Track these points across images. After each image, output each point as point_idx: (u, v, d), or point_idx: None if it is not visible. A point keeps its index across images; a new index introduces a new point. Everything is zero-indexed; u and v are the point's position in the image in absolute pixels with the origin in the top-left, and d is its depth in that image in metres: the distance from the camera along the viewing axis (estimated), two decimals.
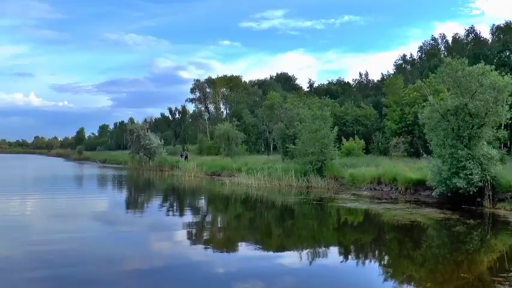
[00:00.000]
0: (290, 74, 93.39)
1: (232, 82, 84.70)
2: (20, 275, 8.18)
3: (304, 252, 10.88)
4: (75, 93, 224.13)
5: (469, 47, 47.93)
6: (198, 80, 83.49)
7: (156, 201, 22.17)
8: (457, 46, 50.81)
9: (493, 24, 48.06)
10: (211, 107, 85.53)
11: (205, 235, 13.20)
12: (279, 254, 10.76)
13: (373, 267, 9.64)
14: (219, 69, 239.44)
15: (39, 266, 8.81)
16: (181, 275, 8.52)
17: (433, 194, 19.31)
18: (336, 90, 68.54)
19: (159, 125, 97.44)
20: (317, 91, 70.73)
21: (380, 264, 9.97)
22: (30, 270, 8.51)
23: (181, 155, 49.67)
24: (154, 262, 9.36)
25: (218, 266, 9.28)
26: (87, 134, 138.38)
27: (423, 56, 57.55)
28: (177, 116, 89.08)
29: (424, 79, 35.91)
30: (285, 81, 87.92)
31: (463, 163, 17.02)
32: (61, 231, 12.66)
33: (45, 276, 8.13)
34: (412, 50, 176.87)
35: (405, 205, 17.98)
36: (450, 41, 54.85)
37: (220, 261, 9.69)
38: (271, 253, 10.81)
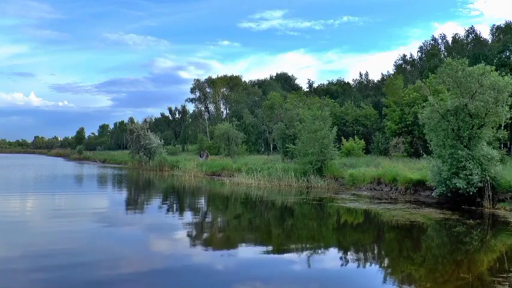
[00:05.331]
0: (290, 74, 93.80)
1: (232, 82, 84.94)
2: (20, 275, 8.18)
3: (304, 252, 10.89)
4: (75, 93, 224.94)
5: (469, 48, 47.97)
6: (198, 80, 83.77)
7: (156, 201, 22.16)
8: (457, 46, 50.83)
9: (493, 25, 48.26)
10: (211, 107, 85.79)
11: (205, 235, 13.20)
12: (279, 254, 10.75)
13: (373, 268, 9.65)
14: (219, 69, 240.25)
15: (39, 267, 8.81)
16: (181, 276, 8.51)
17: (433, 194, 19.33)
18: (336, 90, 68.56)
19: (159, 125, 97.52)
20: (317, 91, 70.79)
21: (380, 265, 9.98)
22: (30, 270, 8.52)
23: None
24: (155, 262, 9.38)
25: (218, 266, 9.29)
26: (87, 133, 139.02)
27: (423, 56, 57.53)
28: (177, 116, 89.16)
29: (424, 79, 35.93)
30: (285, 81, 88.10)
31: (463, 163, 17.04)
32: (60, 231, 12.68)
33: (45, 277, 8.14)
34: (412, 50, 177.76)
35: (405, 205, 17.98)
36: (450, 41, 54.88)
37: (220, 262, 9.70)
38: (271, 253, 10.80)
